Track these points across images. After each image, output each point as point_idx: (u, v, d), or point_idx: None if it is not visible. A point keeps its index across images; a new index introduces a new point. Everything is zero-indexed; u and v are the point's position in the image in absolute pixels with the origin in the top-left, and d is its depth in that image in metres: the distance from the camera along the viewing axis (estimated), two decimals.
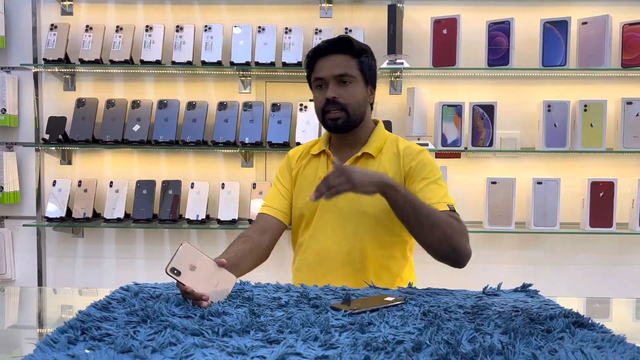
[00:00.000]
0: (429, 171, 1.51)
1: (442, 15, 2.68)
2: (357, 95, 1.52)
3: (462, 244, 1.37)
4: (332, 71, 1.50)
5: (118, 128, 2.73)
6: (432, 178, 1.50)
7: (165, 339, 0.89)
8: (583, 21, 2.67)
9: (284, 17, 2.84)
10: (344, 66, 1.50)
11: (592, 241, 2.82)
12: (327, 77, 1.51)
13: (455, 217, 1.42)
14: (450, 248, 1.36)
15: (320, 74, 1.52)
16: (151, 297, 1.18)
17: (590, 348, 0.88)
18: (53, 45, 2.74)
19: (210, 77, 2.87)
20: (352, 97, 1.51)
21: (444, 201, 1.45)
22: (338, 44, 1.51)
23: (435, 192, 1.47)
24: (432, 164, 1.54)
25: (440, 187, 1.50)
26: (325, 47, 1.52)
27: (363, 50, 1.54)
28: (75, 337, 0.91)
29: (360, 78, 1.53)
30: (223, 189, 2.75)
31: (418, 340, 0.90)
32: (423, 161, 1.53)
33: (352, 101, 1.51)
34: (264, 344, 0.89)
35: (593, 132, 2.64)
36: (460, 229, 1.39)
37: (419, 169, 1.51)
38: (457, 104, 2.66)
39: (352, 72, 1.51)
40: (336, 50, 1.51)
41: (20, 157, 2.87)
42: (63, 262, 2.91)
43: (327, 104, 1.51)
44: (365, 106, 1.56)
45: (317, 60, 1.54)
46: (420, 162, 1.52)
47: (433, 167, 1.53)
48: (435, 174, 1.51)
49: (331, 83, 1.50)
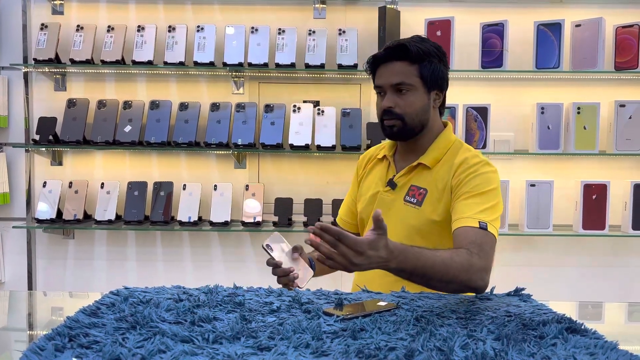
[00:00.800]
0: (476, 185, 1.42)
1: (436, 17, 2.68)
2: (415, 104, 1.46)
3: (480, 281, 1.30)
4: (389, 80, 1.46)
5: (109, 129, 2.71)
6: (475, 191, 1.41)
7: (155, 346, 0.88)
8: (577, 24, 2.67)
9: (277, 18, 2.82)
10: (400, 74, 1.45)
11: (584, 243, 2.83)
12: (384, 86, 1.48)
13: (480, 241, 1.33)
14: (469, 289, 1.32)
15: (378, 81, 1.50)
16: (141, 302, 1.17)
17: (583, 355, 0.88)
18: (43, 44, 2.71)
19: (203, 77, 2.86)
20: (409, 106, 1.46)
21: (477, 217, 1.36)
22: (394, 51, 1.47)
23: (472, 206, 1.39)
24: (483, 177, 1.43)
25: (480, 201, 1.40)
26: (382, 55, 1.49)
27: (424, 54, 1.46)
28: (62, 344, 0.89)
29: (420, 85, 1.46)
30: (215, 190, 2.74)
31: (410, 347, 0.89)
32: (474, 174, 1.44)
33: (410, 110, 1.46)
34: (255, 351, 0.88)
35: (586, 134, 2.65)
36: (479, 266, 1.30)
37: (465, 183, 1.43)
38: (451, 106, 2.66)
39: (410, 80, 1.45)
40: (394, 57, 1.46)
41: (10, 157, 2.84)
42: (53, 264, 2.89)
43: (384, 112, 1.48)
44: (426, 114, 1.49)
45: (377, 67, 1.50)
46: (470, 175, 1.44)
47: (484, 180, 1.43)
48: (482, 187, 1.42)
49: (388, 92, 1.47)
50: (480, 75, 2.75)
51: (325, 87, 2.84)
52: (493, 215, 1.39)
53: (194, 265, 2.88)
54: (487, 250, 1.34)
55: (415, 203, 1.48)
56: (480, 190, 1.42)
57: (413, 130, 1.49)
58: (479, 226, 1.35)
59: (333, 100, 2.80)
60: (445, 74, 1.51)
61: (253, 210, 2.70)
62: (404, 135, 1.50)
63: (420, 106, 1.47)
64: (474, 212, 1.38)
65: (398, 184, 1.52)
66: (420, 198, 1.48)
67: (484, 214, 1.38)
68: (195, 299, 1.19)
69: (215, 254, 2.88)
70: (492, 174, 1.46)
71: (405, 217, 1.48)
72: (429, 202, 1.47)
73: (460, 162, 1.47)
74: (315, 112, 2.72)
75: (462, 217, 1.38)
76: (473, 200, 1.40)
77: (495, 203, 1.42)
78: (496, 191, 1.44)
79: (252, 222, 2.68)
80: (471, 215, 1.37)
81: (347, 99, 2.81)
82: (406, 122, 1.47)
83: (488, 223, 1.37)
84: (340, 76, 2.80)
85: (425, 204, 1.47)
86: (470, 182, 1.43)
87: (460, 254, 1.31)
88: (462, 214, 1.39)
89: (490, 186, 1.43)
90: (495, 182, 1.45)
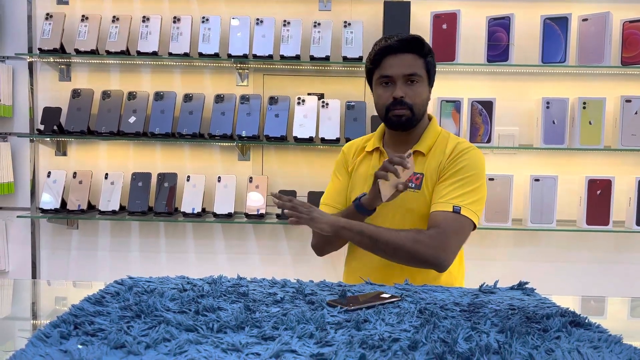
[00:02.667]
0: (461, 169, 1.49)
1: (442, 10, 2.66)
2: (422, 95, 1.53)
3: (431, 256, 1.41)
4: (402, 70, 1.50)
5: (114, 119, 2.71)
6: (457, 176, 1.49)
7: (159, 334, 0.88)
8: (583, 18, 2.66)
9: (282, 10, 2.81)
10: (413, 66, 1.50)
11: (588, 239, 2.82)
12: (395, 76, 1.51)
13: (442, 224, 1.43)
14: (420, 262, 1.43)
15: (388, 71, 1.51)
16: (145, 291, 1.17)
17: (586, 348, 0.88)
18: (48, 34, 2.70)
19: (208, 69, 2.85)
20: (418, 96, 1.52)
21: (452, 201, 1.44)
22: (410, 43, 1.51)
23: (452, 191, 1.46)
24: (471, 164, 1.50)
25: (461, 188, 1.47)
26: (396, 46, 1.50)
27: (429, 50, 1.54)
28: (68, 331, 0.90)
29: (426, 78, 1.54)
30: (219, 182, 2.74)
31: (414, 339, 0.89)
32: (462, 160, 1.51)
33: (418, 101, 1.52)
34: (259, 341, 0.88)
35: (591, 129, 2.64)
36: (429, 243, 1.41)
37: (452, 166, 1.51)
38: (456, 100, 2.65)
39: (420, 72, 1.51)
40: (407, 49, 1.50)
41: (15, 147, 2.85)
42: (57, 254, 2.90)
43: (393, 102, 1.51)
44: (426, 105, 1.58)
45: (385, 57, 1.52)
46: (455, 159, 1.51)
47: (471, 167, 1.50)
48: (465, 173, 1.49)
49: (399, 82, 1.51)
50: (485, 69, 2.74)
51: (330, 79, 2.83)
52: (470, 199, 1.46)
53: (197, 257, 2.89)
54: (448, 231, 1.42)
55: (414, 187, 1.53)
56: (462, 175, 1.48)
57: (417, 120, 1.56)
58: (452, 210, 1.44)
59: (338, 92, 2.79)
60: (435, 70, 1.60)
61: (256, 202, 2.70)
62: (409, 125, 1.55)
63: (425, 97, 1.55)
64: (450, 197, 1.46)
65: None
66: (418, 182, 1.54)
67: (460, 198, 1.45)
68: (199, 289, 1.20)
69: (218, 246, 2.89)
70: (477, 159, 1.53)
71: (405, 202, 1.52)
72: (426, 186, 1.53)
73: (452, 148, 1.54)
74: (320, 104, 2.72)
75: (439, 201, 1.46)
76: (453, 184, 1.47)
77: (475, 187, 1.48)
78: (477, 176, 1.50)
79: (255, 214, 2.68)
80: (447, 199, 1.45)
81: (352, 91, 2.80)
82: (414, 112, 1.52)
83: (462, 207, 1.44)
84: (345, 69, 2.80)
85: (423, 187, 1.53)
86: (453, 167, 1.50)
87: (411, 230, 1.44)
88: (438, 198, 1.47)
89: (472, 171, 1.49)
90: (479, 167, 1.52)
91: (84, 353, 0.79)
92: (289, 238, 2.88)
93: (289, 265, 2.84)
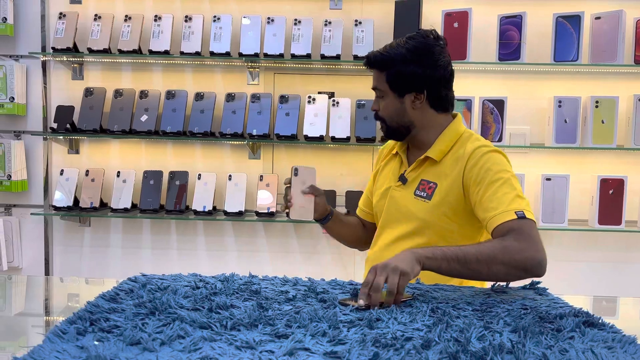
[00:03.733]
0: (494, 173, 1.40)
1: (454, 9, 2.65)
2: (388, 108, 1.51)
3: (530, 260, 1.25)
4: (372, 84, 1.53)
5: (126, 118, 2.73)
6: (497, 182, 1.38)
7: (174, 331, 0.89)
8: (596, 16, 2.63)
9: (293, 9, 2.82)
10: (375, 80, 1.51)
11: (600, 239, 2.80)
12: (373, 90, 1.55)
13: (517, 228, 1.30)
14: (520, 271, 1.26)
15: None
16: (159, 288, 1.18)
17: (600, 348, 0.87)
18: (61, 34, 2.73)
19: (219, 68, 2.86)
20: (384, 109, 1.51)
21: (511, 208, 1.33)
22: (370, 60, 1.51)
23: (501, 199, 1.36)
24: (497, 165, 1.42)
25: (506, 191, 1.37)
26: (364, 64, 1.55)
27: (388, 61, 1.47)
28: (84, 328, 0.91)
29: (389, 90, 1.49)
30: (230, 180, 2.75)
31: (427, 338, 0.89)
32: (487, 165, 1.42)
33: (385, 114, 1.52)
34: (272, 338, 0.89)
35: (604, 128, 2.62)
36: (520, 247, 1.26)
37: (482, 175, 1.41)
38: (467, 99, 2.64)
39: (381, 87, 1.50)
40: (371, 65, 1.51)
41: (28, 145, 2.88)
42: (70, 251, 2.93)
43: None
44: (402, 117, 1.50)
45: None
46: (483, 166, 1.41)
47: (499, 167, 1.41)
48: (501, 175, 1.39)
49: (375, 96, 1.54)
50: (497, 67, 2.72)
51: (340, 78, 2.83)
52: (524, 201, 1.37)
53: (208, 254, 2.91)
54: (527, 232, 1.30)
55: (425, 197, 1.49)
56: (501, 179, 1.39)
57: (398, 131, 1.53)
58: (517, 217, 1.32)
59: (348, 91, 2.79)
60: (425, 73, 1.47)
61: (267, 200, 2.71)
62: (393, 136, 1.55)
63: (393, 110, 1.50)
64: (506, 205, 1.35)
65: (409, 178, 1.54)
66: (430, 192, 1.48)
67: (516, 203, 1.35)
68: (212, 286, 1.21)
69: (229, 244, 2.90)
70: (505, 159, 1.46)
71: (415, 211, 1.49)
72: (439, 195, 1.47)
73: (471, 153, 1.45)
74: (330, 103, 2.72)
75: (497, 213, 1.34)
76: (500, 191, 1.37)
77: (519, 188, 1.40)
78: (514, 175, 1.43)
79: (265, 212, 2.69)
80: (505, 208, 1.34)
81: (362, 90, 2.80)
82: (387, 124, 1.53)
83: (524, 210, 1.34)
84: (355, 67, 2.79)
85: (435, 197, 1.47)
86: (487, 174, 1.41)
87: (490, 240, 1.31)
88: (495, 210, 1.35)
89: (508, 173, 1.42)
90: (510, 166, 1.46)
91: (101, 349, 0.80)
92: (299, 236, 2.89)
93: (299, 263, 2.85)
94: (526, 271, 1.26)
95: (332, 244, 2.85)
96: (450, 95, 1.53)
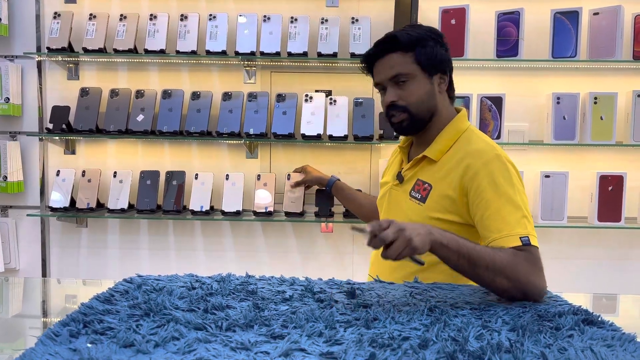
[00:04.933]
0: (496, 189, 1.30)
1: (451, 5, 2.64)
2: (417, 92, 1.41)
3: (532, 285, 1.19)
4: (386, 74, 1.43)
5: (122, 118, 2.72)
6: (502, 197, 1.29)
7: (168, 333, 0.88)
8: (594, 12, 2.62)
9: (289, 7, 2.80)
10: (396, 66, 1.41)
11: (600, 235, 2.79)
12: (383, 82, 1.44)
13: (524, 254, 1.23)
14: (520, 292, 1.19)
15: (377, 78, 1.47)
16: (154, 289, 1.17)
17: (600, 346, 0.87)
18: (56, 33, 2.71)
19: (215, 66, 2.85)
20: (411, 95, 1.41)
21: (515, 233, 1.25)
22: (385, 44, 1.43)
23: (506, 219, 1.26)
24: (500, 178, 1.31)
25: (510, 211, 1.27)
26: (374, 52, 1.46)
27: (416, 40, 1.41)
28: (77, 330, 0.90)
29: (419, 71, 1.41)
30: (227, 180, 2.74)
31: (424, 337, 0.88)
32: (488, 177, 1.31)
33: (413, 100, 1.41)
34: (268, 339, 0.88)
35: (603, 125, 2.61)
36: (527, 270, 1.20)
37: (483, 188, 1.31)
38: (465, 96, 2.63)
39: (407, 69, 1.40)
40: (386, 50, 1.43)
41: (24, 146, 2.86)
42: (67, 252, 2.91)
43: (388, 108, 1.44)
44: (432, 100, 1.43)
45: (374, 64, 1.47)
46: (485, 179, 1.31)
47: (502, 180, 1.30)
48: (504, 192, 1.29)
49: (388, 86, 1.44)
50: (495, 64, 2.71)
51: (337, 76, 2.82)
52: (530, 224, 1.28)
53: (205, 254, 2.89)
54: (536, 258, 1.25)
55: (419, 199, 1.42)
56: (504, 197, 1.29)
57: (423, 120, 1.44)
58: (521, 243, 1.24)
59: (345, 89, 2.78)
60: (445, 55, 1.44)
61: (265, 200, 2.70)
62: (415, 128, 1.45)
63: (424, 93, 1.42)
64: (511, 228, 1.26)
65: (405, 177, 1.49)
66: (424, 194, 1.41)
67: (521, 225, 1.26)
68: (208, 287, 1.20)
69: (227, 243, 2.89)
70: (510, 166, 1.35)
71: (410, 214, 1.43)
72: (433, 199, 1.39)
73: (472, 156, 1.36)
74: (328, 101, 2.71)
75: (501, 236, 1.26)
76: (505, 209, 1.28)
77: (525, 201, 1.31)
78: (520, 186, 1.33)
79: (263, 211, 2.68)
80: (509, 232, 1.26)
81: (360, 88, 2.79)
82: (412, 113, 1.42)
83: (529, 236, 1.26)
84: (352, 65, 2.78)
85: (429, 200, 1.40)
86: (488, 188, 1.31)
87: (504, 251, 1.22)
88: (499, 232, 1.26)
89: (514, 186, 1.31)
90: (515, 174, 1.34)
91: (93, 352, 0.79)
92: (297, 236, 2.87)
93: (297, 262, 2.84)
94: (525, 294, 1.19)
95: (331, 243, 2.84)
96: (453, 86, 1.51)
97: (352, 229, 1.09)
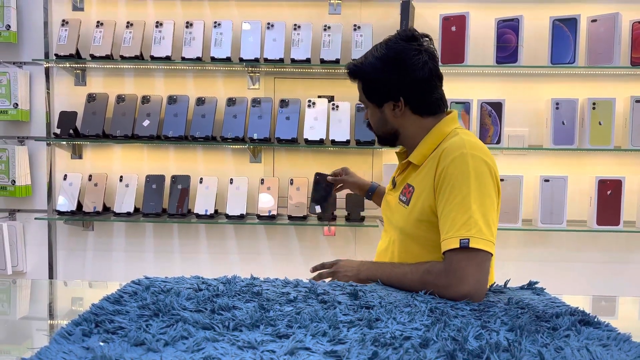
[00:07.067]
0: (452, 189, 1.28)
1: (451, 12, 2.68)
2: (373, 118, 1.49)
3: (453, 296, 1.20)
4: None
5: (128, 123, 2.76)
6: (456, 198, 1.27)
7: (177, 332, 0.91)
8: (592, 19, 2.66)
9: (292, 14, 2.84)
10: (359, 92, 1.50)
11: (598, 239, 2.82)
12: None
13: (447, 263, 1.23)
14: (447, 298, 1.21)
15: None
16: (162, 291, 1.20)
17: (595, 346, 0.89)
18: (64, 40, 2.76)
19: (220, 73, 2.89)
20: (370, 119, 1.51)
21: (458, 235, 1.23)
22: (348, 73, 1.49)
23: (454, 220, 1.26)
24: (461, 176, 1.28)
25: (461, 212, 1.25)
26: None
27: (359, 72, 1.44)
28: (89, 329, 0.92)
29: (367, 101, 1.47)
30: (231, 184, 2.77)
31: (425, 337, 0.91)
32: (449, 177, 1.30)
33: (372, 122, 1.51)
34: (274, 339, 0.90)
35: (601, 130, 2.63)
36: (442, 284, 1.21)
37: (445, 188, 1.30)
38: (465, 101, 2.66)
39: (361, 97, 1.49)
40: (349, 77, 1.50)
41: (32, 151, 2.90)
42: (73, 255, 2.95)
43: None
44: (385, 125, 1.47)
45: None
46: (446, 179, 1.30)
47: (462, 180, 1.28)
48: (460, 191, 1.27)
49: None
50: (494, 70, 2.74)
51: (340, 82, 2.86)
52: (476, 224, 1.23)
53: (210, 257, 2.93)
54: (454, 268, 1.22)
55: (404, 202, 1.43)
56: (458, 197, 1.27)
57: (387, 138, 1.51)
58: (459, 245, 1.22)
59: (347, 95, 2.81)
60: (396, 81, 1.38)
61: (268, 203, 2.73)
62: (384, 143, 1.53)
63: (377, 119, 1.48)
64: (455, 230, 1.25)
65: (397, 182, 1.52)
66: (409, 197, 1.42)
67: (467, 226, 1.24)
68: (214, 288, 1.22)
69: (231, 247, 2.92)
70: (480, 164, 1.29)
71: (398, 217, 1.45)
72: (414, 200, 1.40)
73: (442, 153, 1.34)
74: (330, 107, 2.74)
75: (446, 237, 1.26)
76: (455, 210, 1.27)
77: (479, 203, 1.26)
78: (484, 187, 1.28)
79: (267, 215, 2.71)
80: (453, 234, 1.25)
81: None
82: (376, 133, 1.53)
83: (470, 238, 1.22)
84: None
85: (412, 203, 1.40)
86: (447, 186, 1.30)
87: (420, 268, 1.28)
88: (446, 234, 1.27)
89: (472, 185, 1.27)
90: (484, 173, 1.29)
91: (106, 350, 0.82)
92: (300, 239, 2.91)
93: (300, 265, 2.87)
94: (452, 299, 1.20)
95: (333, 246, 2.87)
96: (435, 97, 1.41)
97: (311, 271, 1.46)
